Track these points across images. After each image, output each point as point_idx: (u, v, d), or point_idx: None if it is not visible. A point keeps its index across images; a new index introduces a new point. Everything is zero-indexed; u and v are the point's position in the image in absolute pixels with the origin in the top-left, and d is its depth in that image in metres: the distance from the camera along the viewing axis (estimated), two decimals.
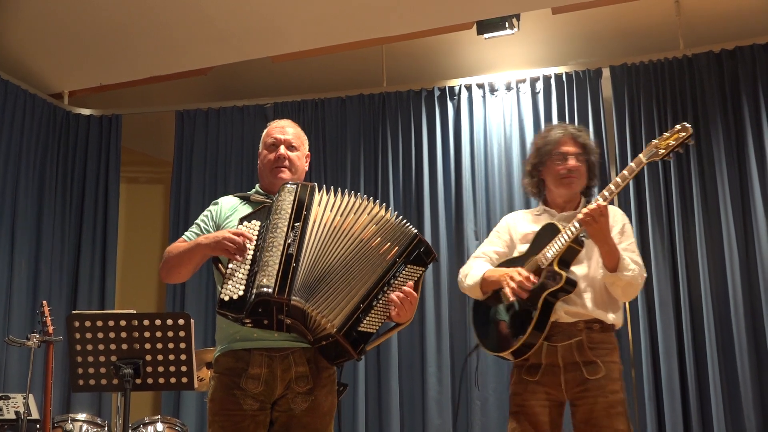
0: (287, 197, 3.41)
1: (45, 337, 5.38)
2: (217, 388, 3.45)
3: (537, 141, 4.23)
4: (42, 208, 7.01)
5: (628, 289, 3.96)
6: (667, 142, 3.93)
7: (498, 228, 4.31)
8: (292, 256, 3.26)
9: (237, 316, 3.25)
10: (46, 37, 6.81)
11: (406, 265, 3.42)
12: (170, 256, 3.58)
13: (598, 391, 3.84)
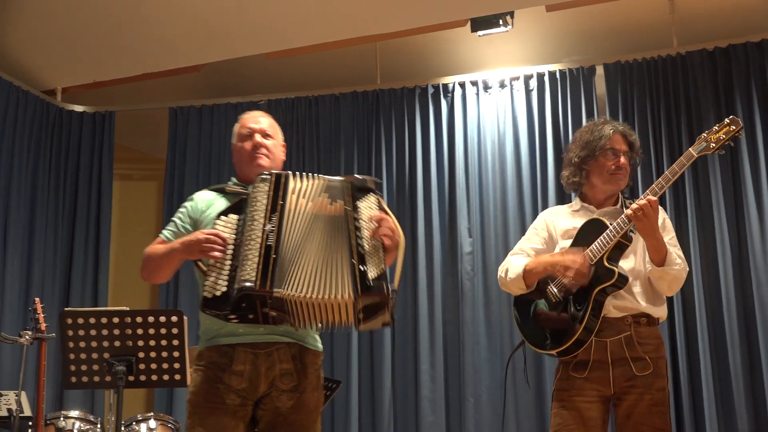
0: (262, 188, 3.35)
1: (37, 334, 5.38)
2: (199, 381, 3.41)
3: (584, 134, 4.14)
4: (35, 205, 7.00)
5: (674, 284, 3.94)
6: (717, 136, 3.87)
7: (535, 224, 4.26)
8: (272, 248, 3.21)
9: (222, 312, 3.22)
10: (39, 34, 6.81)
11: (354, 204, 3.34)
12: (149, 259, 3.56)
13: (644, 388, 3.81)
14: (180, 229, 3.58)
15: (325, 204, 3.36)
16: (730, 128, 3.90)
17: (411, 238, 6.83)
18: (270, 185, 3.35)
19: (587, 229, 3.97)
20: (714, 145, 3.88)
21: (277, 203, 3.31)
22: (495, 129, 6.89)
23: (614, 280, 3.81)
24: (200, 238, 3.29)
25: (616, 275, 3.81)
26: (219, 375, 3.36)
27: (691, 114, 6.46)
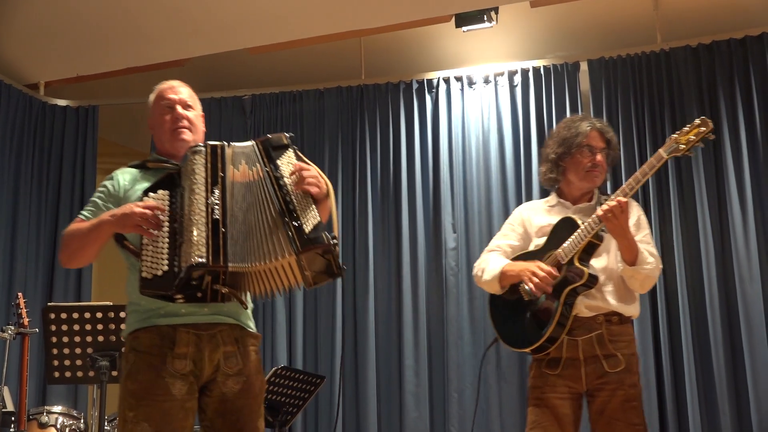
0: (198, 160, 3.19)
1: (20, 329, 5.36)
2: (139, 369, 3.18)
3: (561, 131, 4.16)
4: (17, 199, 6.97)
5: (646, 282, 3.97)
6: (687, 137, 3.86)
7: (511, 220, 4.28)
8: (219, 221, 3.07)
9: (166, 293, 3.06)
10: (22, 28, 6.78)
11: (274, 163, 3.21)
12: (71, 238, 3.34)
13: (617, 384, 3.86)
14: (102, 209, 3.35)
15: (245, 169, 3.23)
16: (700, 129, 3.88)
17: (395, 234, 6.84)
18: (206, 157, 3.21)
19: (560, 228, 4.00)
20: (684, 146, 3.88)
21: (217, 175, 3.17)
22: (479, 125, 6.89)
23: (584, 280, 3.85)
24: (135, 210, 3.09)
25: (586, 275, 3.85)
26: (161, 360, 3.16)
27: (675, 110, 6.48)
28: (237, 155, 3.26)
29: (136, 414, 3.14)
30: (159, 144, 3.56)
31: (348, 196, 6.99)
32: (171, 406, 3.15)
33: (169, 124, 3.48)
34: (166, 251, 3.10)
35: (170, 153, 3.47)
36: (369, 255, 6.78)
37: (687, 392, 5.96)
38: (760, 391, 5.82)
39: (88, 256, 3.38)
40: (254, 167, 3.22)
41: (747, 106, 6.33)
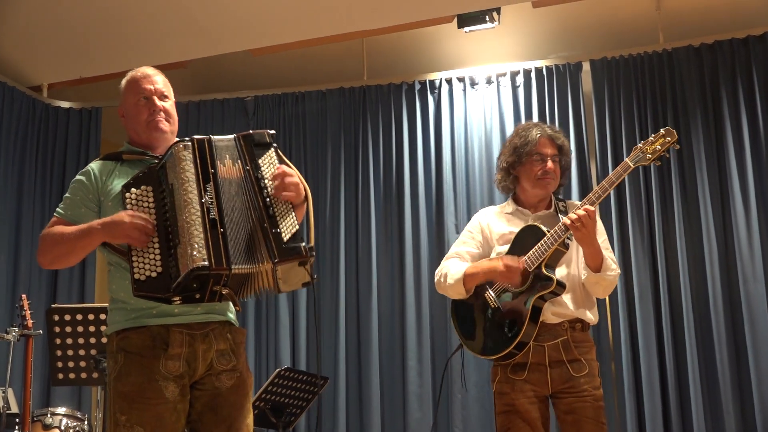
0: (186, 155, 3.09)
1: (24, 330, 5.36)
2: (130, 371, 3.10)
3: (514, 139, 4.20)
4: (21, 201, 6.98)
5: (608, 288, 4.05)
6: (653, 147, 3.93)
7: (470, 227, 4.29)
8: (216, 221, 2.98)
9: (162, 295, 2.98)
10: (25, 30, 6.79)
11: (255, 162, 3.14)
12: (54, 242, 3.22)
13: (583, 386, 3.92)
14: (81, 205, 3.27)
15: (229, 166, 3.14)
16: (665, 139, 3.95)
17: (398, 234, 6.85)
18: (194, 152, 3.11)
19: (524, 235, 4.02)
20: (650, 156, 3.96)
21: (207, 171, 3.07)
22: (482, 125, 6.89)
23: (553, 288, 3.89)
24: (126, 222, 3.01)
25: (554, 283, 3.89)
26: (154, 362, 3.09)
27: (678, 110, 6.48)
28: (220, 149, 3.16)
29: (129, 418, 3.08)
30: (133, 134, 3.43)
31: (351, 197, 6.99)
32: (164, 409, 3.09)
33: (145, 115, 3.37)
34: (158, 252, 3.03)
35: (145, 144, 3.39)
36: (372, 255, 6.79)
37: (691, 392, 5.96)
38: (763, 391, 5.82)
39: (73, 261, 3.32)
40: (236, 164, 3.14)
41: (750, 106, 6.33)
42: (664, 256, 6.28)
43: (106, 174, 3.30)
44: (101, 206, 3.25)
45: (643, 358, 6.12)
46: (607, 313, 6.27)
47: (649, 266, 6.28)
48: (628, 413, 6.04)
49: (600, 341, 6.16)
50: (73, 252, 3.22)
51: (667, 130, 3.97)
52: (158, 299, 3.01)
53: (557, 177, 4.14)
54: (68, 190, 3.35)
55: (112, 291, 3.26)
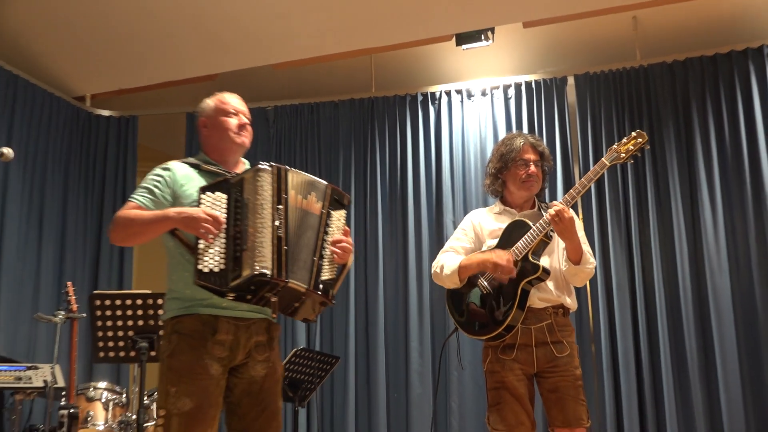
0: (266, 178, 3.21)
1: (70, 314, 5.41)
2: (182, 350, 3.21)
3: (500, 147, 4.26)
4: (67, 198, 7.02)
5: (585, 279, 4.10)
6: (626, 147, 4.01)
7: (463, 225, 4.33)
8: (282, 239, 3.12)
9: (220, 289, 3.10)
10: (71, 46, 6.81)
11: (330, 211, 3.33)
12: (131, 223, 3.27)
13: (565, 366, 3.97)
14: (159, 198, 3.33)
15: (313, 201, 3.31)
16: (637, 140, 4.02)
17: (402, 231, 6.86)
18: (273, 177, 3.23)
19: (511, 229, 4.07)
20: (624, 155, 4.03)
21: (281, 196, 3.20)
22: (477, 133, 6.90)
23: (539, 273, 3.95)
24: (201, 216, 3.11)
25: (540, 269, 3.95)
26: (202, 344, 3.20)
27: (652, 120, 6.49)
28: (310, 185, 3.33)
29: (178, 389, 3.17)
30: (213, 144, 3.52)
31: (360, 197, 7.01)
32: (209, 383, 3.19)
33: (234, 128, 3.49)
34: (223, 251, 3.13)
35: (220, 156, 3.49)
36: (378, 249, 6.80)
37: (662, 372, 5.98)
38: (727, 370, 5.85)
39: (141, 240, 3.40)
40: (318, 203, 3.31)
41: (716, 117, 6.34)
42: (639, 251, 6.29)
43: (184, 177, 3.39)
44: (174, 203, 3.32)
45: (620, 342, 6.13)
46: (588, 301, 6.28)
47: (626, 259, 6.29)
48: (606, 391, 6.05)
49: (582, 326, 6.18)
50: (144, 233, 3.29)
51: (638, 132, 4.04)
52: (214, 291, 3.11)
53: (540, 180, 4.20)
54: (146, 180, 3.40)
55: (172, 281, 3.35)
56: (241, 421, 3.34)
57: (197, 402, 3.16)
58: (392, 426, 6.52)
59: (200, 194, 3.22)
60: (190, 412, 3.15)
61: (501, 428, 3.95)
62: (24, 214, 6.51)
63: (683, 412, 5.93)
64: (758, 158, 6.10)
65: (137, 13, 6.41)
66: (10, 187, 6.38)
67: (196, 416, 3.16)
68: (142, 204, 3.32)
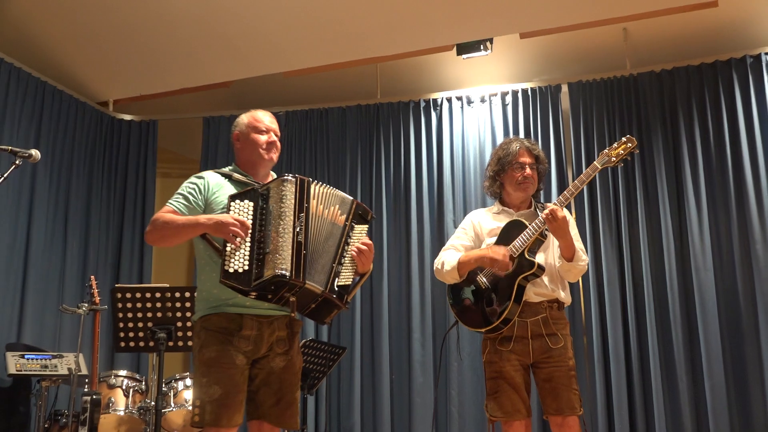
0: (290, 188, 3.32)
1: (93, 306, 5.42)
2: (210, 343, 3.34)
3: (498, 152, 4.29)
4: (90, 198, 7.03)
5: (578, 275, 4.12)
6: (617, 152, 4.04)
7: (464, 225, 4.35)
8: (302, 244, 3.23)
9: (243, 288, 3.20)
10: (95, 54, 6.82)
11: (353, 226, 3.45)
12: (166, 226, 3.39)
13: (559, 357, 3.98)
14: (192, 204, 3.46)
15: (337, 213, 3.43)
16: (627, 145, 4.06)
17: (405, 228, 6.86)
18: (295, 187, 3.34)
19: (509, 228, 4.10)
20: (615, 159, 4.08)
21: (303, 205, 3.32)
22: (476, 137, 6.90)
23: (534, 269, 3.97)
24: (230, 221, 3.22)
25: (536, 265, 3.97)
26: (229, 338, 3.32)
27: (641, 125, 6.48)
28: (335, 198, 3.46)
29: (209, 379, 3.30)
30: (244, 156, 3.66)
31: (366, 196, 7.01)
32: (235, 372, 3.31)
33: (265, 144, 3.61)
34: (248, 254, 3.23)
35: (252, 166, 3.63)
36: (383, 245, 6.80)
37: (650, 362, 5.97)
38: (711, 360, 5.85)
39: (174, 242, 3.47)
40: (342, 215, 3.44)
41: (702, 122, 6.33)
42: (629, 249, 6.29)
43: (217, 186, 3.53)
44: (206, 209, 3.45)
45: (610, 334, 6.13)
46: (580, 296, 6.28)
47: (616, 257, 6.29)
48: (597, 380, 6.05)
49: (574, 319, 6.17)
50: (177, 236, 3.40)
51: (628, 137, 4.07)
52: (238, 290, 3.23)
53: (535, 182, 4.22)
54: (183, 187, 3.55)
55: (200, 282, 3.48)
56: (259, 409, 3.43)
57: (225, 389, 3.28)
58: (395, 413, 6.52)
59: (230, 202, 3.34)
60: (220, 398, 3.27)
61: (499, 415, 3.97)
62: (50, 213, 6.53)
63: (670, 400, 5.93)
64: (741, 161, 6.10)
65: (157, 23, 6.43)
66: (38, 187, 6.40)
67: (225, 402, 3.27)
68: (178, 209, 3.45)
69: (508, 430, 3.97)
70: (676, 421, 5.88)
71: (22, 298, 6.10)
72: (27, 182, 6.32)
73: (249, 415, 3.46)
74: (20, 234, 6.19)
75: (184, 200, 3.49)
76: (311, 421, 6.49)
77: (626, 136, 4.07)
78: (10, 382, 5.71)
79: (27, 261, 6.20)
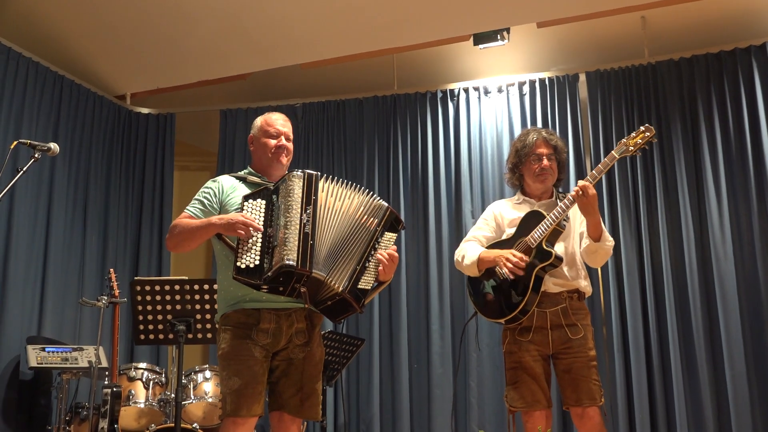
0: (297, 182, 3.38)
1: (112, 299, 5.43)
2: (229, 338, 3.42)
3: (516, 143, 4.30)
4: (109, 191, 7.04)
5: (604, 257, 4.09)
6: (635, 141, 4.01)
7: (485, 215, 4.35)
8: (309, 235, 3.26)
9: (255, 282, 3.26)
10: (113, 48, 6.83)
11: (383, 232, 3.47)
12: (182, 230, 3.51)
13: (579, 348, 3.96)
14: (208, 208, 3.57)
15: (363, 214, 3.46)
16: (645, 134, 4.03)
17: (423, 219, 6.84)
18: (303, 182, 3.39)
19: (528, 219, 4.10)
20: (633, 149, 4.07)
21: (311, 198, 3.36)
22: (494, 128, 6.86)
23: (552, 260, 3.96)
24: (239, 219, 3.31)
25: (553, 256, 3.96)
26: (247, 333, 3.40)
27: (660, 114, 6.43)
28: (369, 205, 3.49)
29: (228, 372, 3.38)
30: (257, 159, 3.76)
31: (383, 187, 6.99)
32: (254, 363, 3.38)
33: (274, 149, 3.69)
34: (259, 250, 3.29)
35: (265, 170, 3.71)
36: (401, 237, 6.77)
37: (671, 351, 5.93)
38: (732, 350, 5.80)
39: (191, 246, 3.57)
40: (373, 220, 3.47)
41: (721, 111, 6.27)
42: (648, 238, 6.24)
43: (231, 188, 3.62)
44: (221, 211, 3.55)
45: (630, 325, 6.08)
46: (600, 286, 6.24)
47: (635, 246, 6.24)
48: (617, 371, 6.02)
49: (593, 310, 6.13)
50: (193, 239, 3.50)
51: (646, 127, 4.05)
52: (251, 285, 3.29)
53: (554, 172, 4.20)
54: (198, 193, 3.67)
55: (219, 281, 3.59)
56: (279, 399, 3.49)
57: (244, 380, 3.34)
58: (414, 404, 6.51)
59: (243, 202, 3.43)
60: (239, 389, 3.33)
61: (519, 405, 3.97)
62: (69, 206, 6.54)
63: (690, 390, 5.88)
64: (761, 150, 6.03)
65: (174, 16, 6.43)
66: (57, 180, 6.41)
67: (244, 392, 3.33)
68: (193, 214, 3.58)
69: (528, 420, 3.97)
70: (697, 410, 5.83)
71: (42, 291, 6.12)
72: (46, 176, 6.33)
73: (270, 407, 3.51)
74: (39, 228, 6.21)
75: (199, 205, 3.61)
76: (330, 412, 6.49)
77: (644, 125, 4.04)
78: (31, 375, 5.74)
79: (46, 255, 6.21)
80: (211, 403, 5.40)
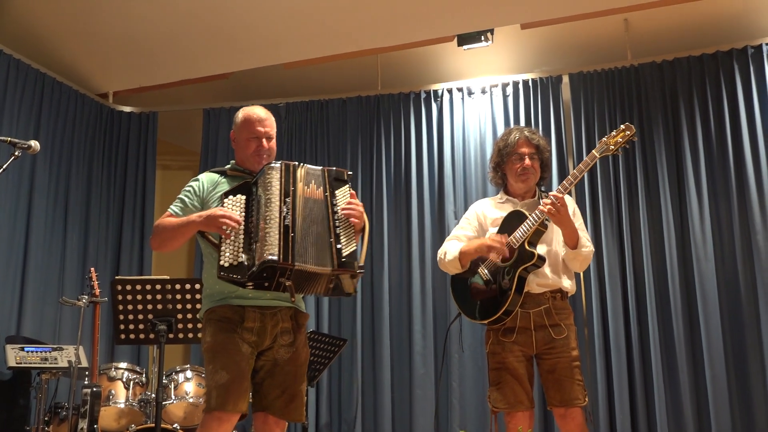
0: (275, 175, 3.34)
1: (93, 298, 5.37)
2: (216, 332, 3.37)
3: (499, 142, 4.28)
4: (90, 190, 6.99)
5: (584, 263, 4.08)
6: (616, 140, 4.00)
7: (468, 215, 4.33)
8: (289, 227, 3.21)
9: (240, 279, 3.20)
10: (95, 47, 6.79)
11: (333, 191, 3.39)
12: (164, 230, 3.47)
13: (562, 348, 3.95)
14: (189, 206, 3.53)
15: (314, 189, 3.39)
16: (625, 133, 4.00)
17: (406, 220, 6.83)
18: (280, 173, 3.35)
19: (510, 219, 4.08)
20: (613, 147, 4.04)
21: (289, 189, 3.31)
22: (477, 128, 6.86)
23: (534, 260, 3.94)
24: (218, 213, 3.27)
25: (536, 256, 3.94)
26: (233, 328, 3.35)
27: (642, 116, 6.45)
28: (309, 175, 3.41)
29: (215, 366, 3.32)
30: (239, 157, 3.66)
31: (366, 188, 6.97)
32: (240, 358, 3.32)
33: (254, 150, 3.58)
34: (241, 246, 3.24)
35: (245, 166, 3.62)
36: (384, 237, 6.77)
37: (651, 353, 5.95)
38: (712, 350, 5.82)
39: (175, 245, 3.52)
40: (319, 189, 3.39)
41: (703, 113, 6.30)
42: (629, 240, 6.25)
43: (212, 184, 3.58)
44: (203, 207, 3.50)
45: (611, 325, 6.09)
46: (581, 287, 6.25)
47: (617, 247, 6.25)
48: (598, 371, 6.02)
49: (575, 310, 6.07)
50: (175, 237, 3.46)
51: (627, 125, 4.03)
52: (235, 282, 3.23)
53: (537, 172, 4.18)
54: (182, 192, 3.62)
55: (205, 279, 3.55)
56: (263, 401, 3.44)
57: (232, 375, 3.29)
58: (396, 404, 6.49)
59: (223, 198, 3.38)
60: (226, 383, 3.28)
61: (501, 406, 3.96)
62: (50, 205, 6.49)
63: (671, 390, 5.90)
64: (742, 152, 6.06)
65: (156, 15, 6.39)
66: (37, 178, 6.36)
67: (230, 387, 3.27)
68: (175, 213, 3.53)
69: (510, 421, 3.96)
70: (677, 411, 5.85)
71: (21, 290, 6.07)
72: (26, 174, 6.28)
73: (254, 407, 3.47)
74: (20, 226, 6.16)
75: (181, 203, 3.56)
76: (312, 413, 6.47)
77: (624, 124, 4.03)
78: (10, 374, 5.68)
79: (27, 253, 6.16)
80: (191, 403, 5.35)
